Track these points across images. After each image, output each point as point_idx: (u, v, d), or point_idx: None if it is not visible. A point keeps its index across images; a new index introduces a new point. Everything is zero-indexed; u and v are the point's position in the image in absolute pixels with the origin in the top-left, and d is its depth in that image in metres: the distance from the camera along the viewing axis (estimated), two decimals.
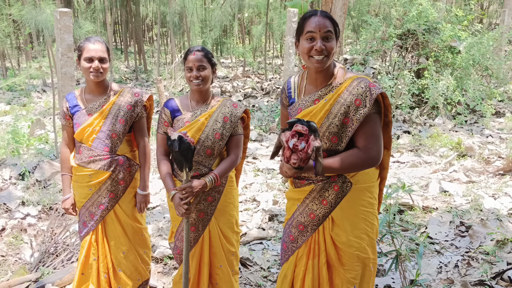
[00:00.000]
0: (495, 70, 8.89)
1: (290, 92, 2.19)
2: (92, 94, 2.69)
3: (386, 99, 1.99)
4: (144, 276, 2.93)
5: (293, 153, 1.74)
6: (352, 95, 1.94)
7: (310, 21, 1.95)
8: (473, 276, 3.34)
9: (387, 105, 2.01)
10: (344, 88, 1.98)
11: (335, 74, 2.04)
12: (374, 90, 1.92)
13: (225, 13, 15.54)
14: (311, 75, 2.07)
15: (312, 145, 1.72)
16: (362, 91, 1.93)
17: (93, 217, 2.72)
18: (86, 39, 2.59)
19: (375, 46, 9.31)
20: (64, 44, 4.75)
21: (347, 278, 2.08)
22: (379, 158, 1.98)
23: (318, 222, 2.09)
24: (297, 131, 1.73)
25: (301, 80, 2.15)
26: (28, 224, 4.35)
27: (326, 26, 1.93)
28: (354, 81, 1.97)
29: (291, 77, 2.23)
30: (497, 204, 4.55)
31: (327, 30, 1.93)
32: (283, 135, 1.77)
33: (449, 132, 7.59)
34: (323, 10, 7.10)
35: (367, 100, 1.92)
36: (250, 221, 4.46)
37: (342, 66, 2.09)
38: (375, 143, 1.96)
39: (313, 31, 1.93)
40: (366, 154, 1.95)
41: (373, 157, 1.96)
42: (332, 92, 2.00)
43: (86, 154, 2.66)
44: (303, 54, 1.98)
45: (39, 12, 7.13)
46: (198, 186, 2.35)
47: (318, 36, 1.93)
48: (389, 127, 2.07)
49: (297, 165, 1.75)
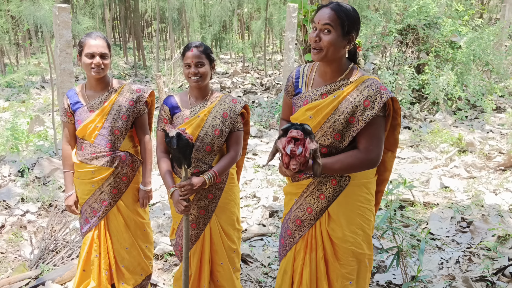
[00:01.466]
0: (496, 65, 8.86)
1: (298, 82, 2.15)
2: (93, 90, 2.67)
3: (396, 103, 1.98)
4: (147, 271, 2.92)
5: (291, 158, 1.76)
6: (361, 95, 1.93)
7: (319, 11, 1.93)
8: (475, 272, 3.34)
9: (397, 108, 1.99)
10: (355, 87, 1.95)
11: (347, 71, 2.00)
12: (384, 94, 1.91)
13: (225, 8, 15.48)
14: (321, 67, 2.05)
15: (309, 149, 1.73)
16: (372, 93, 1.91)
17: (96, 213, 2.71)
18: (87, 35, 2.57)
19: (375, 42, 9.27)
20: (62, 40, 4.72)
21: (343, 273, 2.08)
22: (378, 160, 1.98)
23: (316, 216, 2.09)
24: (294, 137, 1.73)
25: (311, 71, 2.12)
26: (27, 221, 4.34)
27: (325, 18, 1.89)
28: (366, 81, 1.95)
29: (301, 66, 2.20)
30: (498, 200, 4.54)
31: (325, 22, 1.89)
32: (279, 142, 1.78)
33: (449, 128, 7.57)
34: (323, 4, 7.07)
35: (376, 103, 1.90)
36: (250, 218, 4.45)
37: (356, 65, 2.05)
38: (376, 146, 1.95)
39: (315, 21, 1.92)
40: (366, 155, 1.95)
41: (373, 159, 1.96)
42: (342, 89, 1.98)
43: (89, 150, 2.64)
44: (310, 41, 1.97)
45: (38, 8, 7.10)
46: (197, 183, 2.33)
47: (317, 27, 1.91)
48: (396, 130, 2.07)
49: (297, 170, 1.77)
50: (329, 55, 1.92)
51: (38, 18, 6.93)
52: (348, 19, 1.90)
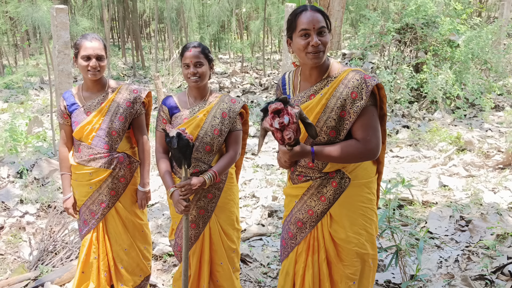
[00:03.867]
0: (494, 64, 8.86)
1: (285, 89, 2.17)
2: (90, 91, 2.66)
3: (381, 90, 1.97)
4: (145, 272, 2.92)
5: (282, 132, 1.76)
6: (347, 88, 1.93)
7: (302, 17, 1.92)
8: (474, 271, 3.34)
9: (382, 96, 1.98)
10: (340, 82, 1.96)
11: (329, 68, 2.02)
12: (369, 82, 1.90)
13: (223, 8, 15.46)
14: (305, 71, 2.05)
15: (294, 113, 1.74)
16: (357, 83, 1.91)
17: (94, 215, 2.71)
18: (83, 37, 2.56)
19: (373, 41, 9.27)
20: (60, 41, 4.71)
21: (346, 274, 2.07)
22: (378, 150, 1.96)
23: (317, 218, 2.08)
24: (275, 110, 1.74)
25: (295, 77, 2.13)
26: (26, 222, 4.34)
27: (319, 21, 1.91)
28: (349, 74, 1.95)
29: (286, 73, 2.21)
30: (497, 198, 4.54)
31: (322, 26, 1.91)
32: (264, 123, 1.79)
33: (448, 126, 7.58)
34: (321, 5, 7.06)
35: (363, 92, 1.90)
36: (249, 217, 4.45)
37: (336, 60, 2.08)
38: (374, 135, 1.94)
39: (307, 28, 1.90)
40: (365, 146, 1.93)
41: (372, 149, 1.94)
42: (327, 86, 1.98)
43: (86, 152, 2.64)
44: (299, 51, 1.94)
45: (36, 9, 7.08)
46: (197, 183, 2.34)
47: (313, 32, 1.90)
48: (384, 120, 2.04)
49: (293, 139, 1.76)
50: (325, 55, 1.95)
51: (36, 19, 6.92)
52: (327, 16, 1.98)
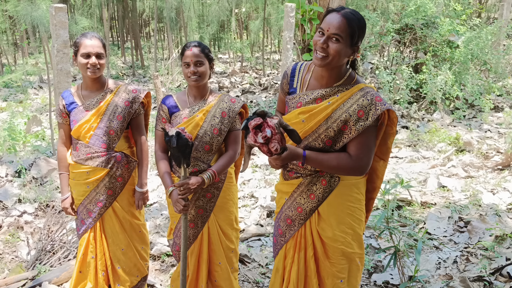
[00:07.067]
0: (494, 65, 8.87)
1: (293, 80, 2.13)
2: (89, 90, 2.66)
3: (392, 113, 1.97)
4: (142, 272, 2.92)
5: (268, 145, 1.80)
6: (356, 105, 1.91)
7: (328, 16, 1.88)
8: (472, 272, 3.34)
9: (393, 118, 1.98)
10: (350, 96, 1.94)
11: (344, 78, 1.98)
12: (379, 106, 1.89)
13: (222, 8, 15.45)
14: (318, 70, 2.02)
15: (273, 125, 1.78)
16: (367, 104, 1.90)
17: (91, 214, 2.70)
18: (82, 35, 2.56)
19: (373, 41, 9.26)
20: (59, 40, 4.70)
21: (333, 272, 2.09)
22: (366, 169, 1.99)
23: (305, 216, 2.10)
24: (255, 126, 1.79)
25: (307, 71, 2.10)
26: (24, 221, 4.33)
27: (336, 27, 1.83)
28: (361, 91, 1.93)
29: (298, 64, 2.16)
30: (496, 199, 4.54)
31: (335, 32, 1.83)
32: (249, 139, 1.83)
33: (447, 127, 7.58)
34: (321, 5, 7.05)
35: (370, 114, 1.89)
36: (248, 218, 4.44)
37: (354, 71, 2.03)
38: (366, 155, 1.96)
39: (323, 27, 1.88)
40: (355, 163, 1.95)
41: (361, 167, 1.97)
42: (337, 96, 1.96)
43: (84, 151, 2.63)
44: (313, 44, 1.93)
45: (35, 8, 7.07)
46: (196, 183, 2.33)
47: (326, 34, 1.86)
48: (390, 139, 2.05)
49: (280, 149, 1.82)
50: (334, 63, 1.89)
51: (35, 18, 6.91)
52: (358, 29, 1.86)
